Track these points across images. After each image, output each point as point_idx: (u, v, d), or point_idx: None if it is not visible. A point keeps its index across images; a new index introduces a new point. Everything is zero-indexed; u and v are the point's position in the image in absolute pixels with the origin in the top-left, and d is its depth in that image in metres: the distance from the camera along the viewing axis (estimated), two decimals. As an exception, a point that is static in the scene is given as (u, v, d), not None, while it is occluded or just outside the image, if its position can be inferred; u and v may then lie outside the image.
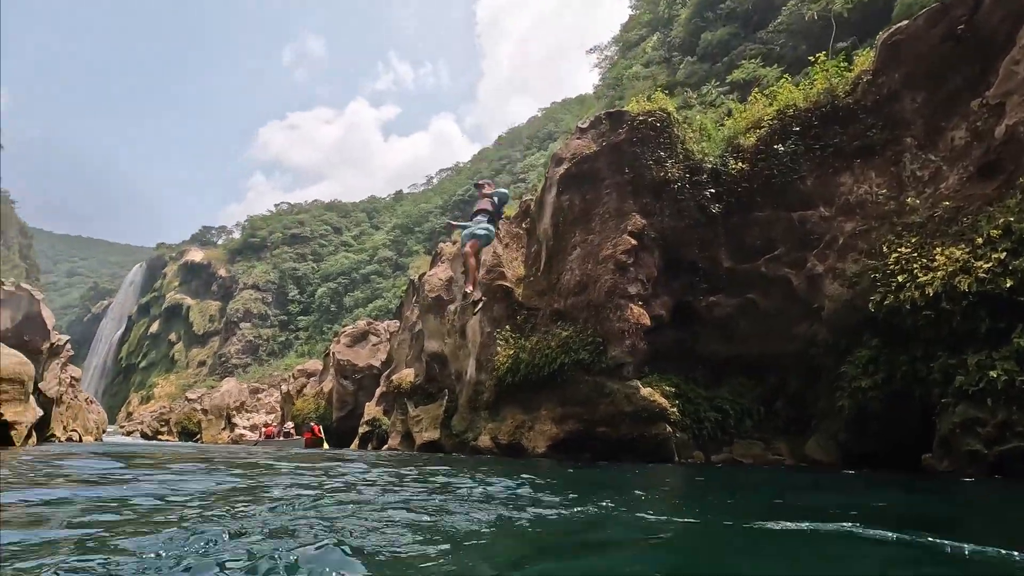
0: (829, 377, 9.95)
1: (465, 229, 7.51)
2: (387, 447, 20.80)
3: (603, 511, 4.03)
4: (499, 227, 10.76)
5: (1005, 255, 7.33)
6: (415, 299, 22.89)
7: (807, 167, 10.91)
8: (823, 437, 10.09)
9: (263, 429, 30.96)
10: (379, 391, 24.88)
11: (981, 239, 7.75)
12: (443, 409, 17.75)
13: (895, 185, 9.78)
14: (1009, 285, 7.15)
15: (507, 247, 15.99)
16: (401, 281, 61.72)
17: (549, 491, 5.23)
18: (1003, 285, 7.20)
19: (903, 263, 8.59)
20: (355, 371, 29.25)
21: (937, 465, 7.62)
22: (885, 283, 8.72)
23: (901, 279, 8.44)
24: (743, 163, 11.71)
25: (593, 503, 4.32)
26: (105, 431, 28.37)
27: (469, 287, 7.25)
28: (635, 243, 11.70)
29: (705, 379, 11.93)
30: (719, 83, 24.27)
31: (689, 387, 11.52)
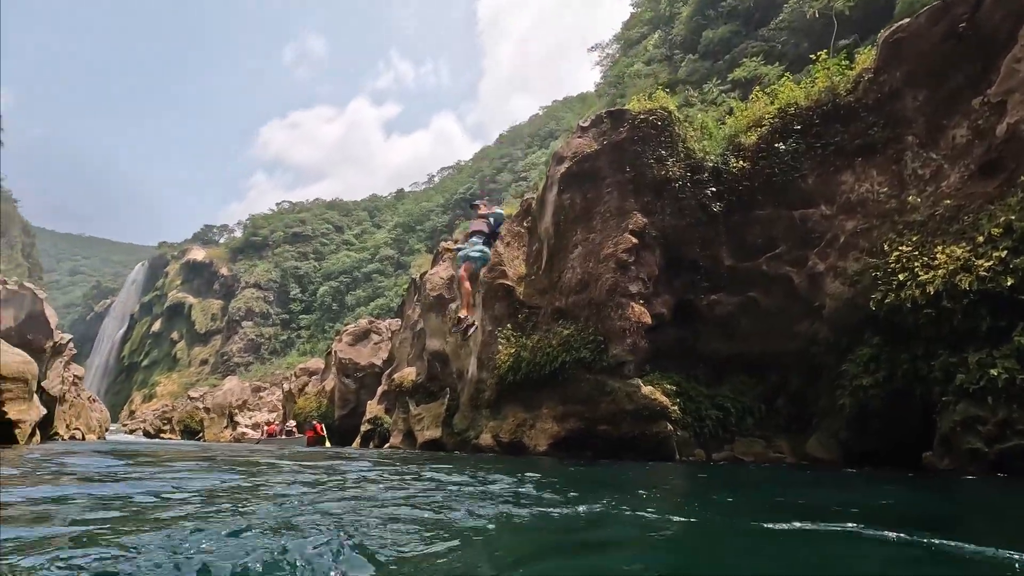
0: (830, 375, 9.96)
1: (460, 251, 7.37)
2: (389, 445, 20.85)
3: (604, 509, 4.04)
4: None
5: (1006, 253, 7.34)
6: (417, 298, 22.92)
7: (808, 165, 10.91)
8: (824, 435, 10.09)
9: (265, 427, 31.09)
10: (381, 389, 24.92)
11: (982, 237, 7.76)
12: (445, 407, 17.77)
13: (896, 183, 9.77)
14: (1010, 283, 7.16)
15: (508, 245, 15.99)
16: (403, 280, 61.82)
17: (550, 489, 5.24)
18: (1004, 283, 7.21)
19: (904, 261, 8.59)
20: (357, 369, 29.30)
21: (938, 463, 7.63)
22: (886, 281, 8.73)
23: (902, 277, 8.44)
24: (744, 161, 11.70)
25: (594, 501, 4.32)
26: (108, 429, 28.47)
27: (463, 312, 7.09)
28: (636, 241, 11.70)
29: (706, 377, 11.94)
30: (720, 81, 24.21)
31: (690, 385, 11.53)
